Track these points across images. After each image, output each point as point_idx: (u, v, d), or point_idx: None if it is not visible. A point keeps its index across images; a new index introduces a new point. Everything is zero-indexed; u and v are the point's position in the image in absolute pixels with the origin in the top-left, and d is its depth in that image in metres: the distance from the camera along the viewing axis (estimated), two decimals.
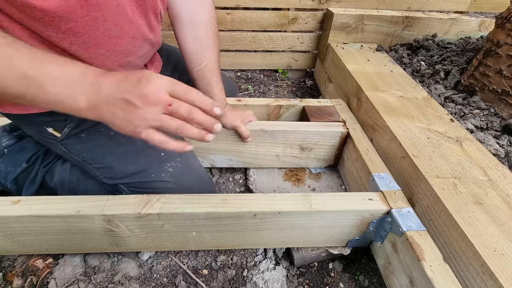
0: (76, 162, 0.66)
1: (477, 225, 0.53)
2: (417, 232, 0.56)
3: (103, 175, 0.65)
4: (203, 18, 0.69)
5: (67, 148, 0.64)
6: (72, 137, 0.63)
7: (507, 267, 0.47)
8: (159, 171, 0.64)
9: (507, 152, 0.75)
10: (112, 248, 0.65)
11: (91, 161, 0.64)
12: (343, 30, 1.30)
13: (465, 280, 0.52)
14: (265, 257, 0.72)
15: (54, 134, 0.62)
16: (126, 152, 0.64)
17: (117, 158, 0.64)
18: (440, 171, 0.64)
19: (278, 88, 1.47)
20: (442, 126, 0.78)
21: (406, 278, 0.56)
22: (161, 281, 0.67)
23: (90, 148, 0.64)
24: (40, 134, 0.63)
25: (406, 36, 1.35)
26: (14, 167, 0.72)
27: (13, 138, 0.75)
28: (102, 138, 0.63)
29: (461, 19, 1.33)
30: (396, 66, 1.10)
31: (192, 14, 0.67)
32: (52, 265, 0.68)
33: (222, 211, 0.58)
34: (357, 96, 0.96)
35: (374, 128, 0.85)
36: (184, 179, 0.66)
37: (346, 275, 0.71)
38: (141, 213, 0.56)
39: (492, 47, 0.90)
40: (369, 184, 0.71)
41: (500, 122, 0.85)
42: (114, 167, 0.64)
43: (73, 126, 0.61)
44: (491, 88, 0.89)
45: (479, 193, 0.59)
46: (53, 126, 0.62)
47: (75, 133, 0.62)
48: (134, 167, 0.63)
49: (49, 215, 0.55)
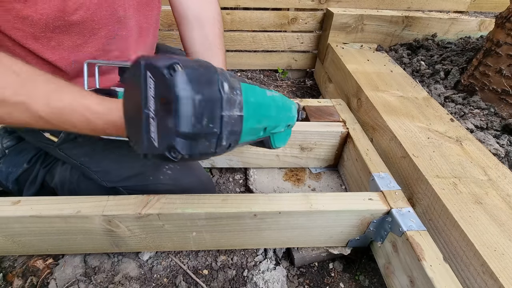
0: (74, 165, 0.66)
1: (477, 224, 0.53)
2: (417, 232, 0.56)
3: (101, 178, 0.65)
4: (210, 15, 0.67)
5: (64, 152, 0.64)
6: (68, 142, 0.62)
7: (507, 266, 0.47)
8: (157, 173, 0.63)
9: (507, 151, 0.75)
10: (112, 248, 0.65)
11: (89, 164, 0.64)
12: (343, 30, 1.30)
13: (465, 280, 0.52)
14: (265, 257, 0.72)
15: (51, 139, 0.62)
16: (123, 155, 0.64)
17: (113, 161, 0.64)
18: (440, 171, 0.64)
19: (278, 88, 1.47)
20: (442, 126, 0.78)
21: (406, 278, 0.56)
22: (161, 281, 0.67)
23: (87, 152, 0.64)
24: (38, 139, 0.64)
25: (406, 36, 1.35)
26: (15, 168, 0.72)
27: (14, 139, 0.75)
28: (99, 142, 0.63)
29: (461, 19, 1.33)
30: (396, 66, 1.10)
31: (199, 12, 0.66)
32: (52, 265, 0.68)
33: (222, 211, 0.58)
34: (357, 96, 0.96)
35: (374, 128, 0.85)
36: (183, 181, 0.65)
37: (346, 275, 0.71)
38: (141, 213, 0.56)
39: (492, 46, 0.90)
40: (369, 184, 0.71)
41: (500, 122, 0.85)
42: (111, 171, 0.64)
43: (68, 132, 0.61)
44: (491, 88, 0.89)
45: (479, 193, 0.59)
46: (49, 131, 0.61)
47: (71, 138, 0.62)
48: (132, 171, 0.63)
49: (49, 215, 0.55)
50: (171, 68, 0.29)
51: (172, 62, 0.29)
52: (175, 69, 0.29)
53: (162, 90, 0.29)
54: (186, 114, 0.29)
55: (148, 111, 0.31)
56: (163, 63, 0.29)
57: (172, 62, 0.29)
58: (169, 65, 0.29)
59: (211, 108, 0.31)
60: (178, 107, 0.29)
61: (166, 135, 0.30)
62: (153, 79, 0.30)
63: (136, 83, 0.31)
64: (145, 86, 0.30)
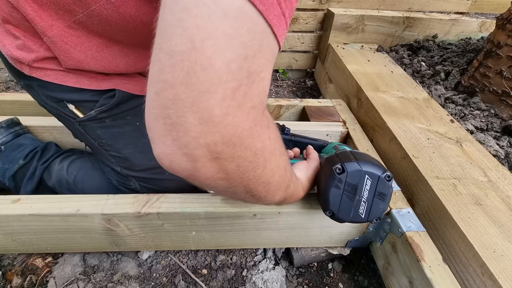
0: (89, 144, 0.63)
1: (477, 226, 0.53)
2: (417, 233, 0.56)
3: (118, 163, 0.63)
4: None
5: (85, 130, 0.60)
6: (95, 121, 0.59)
7: (506, 268, 0.47)
8: None
9: (507, 153, 0.75)
10: (112, 247, 0.65)
11: (109, 147, 0.61)
12: (343, 31, 1.30)
13: (464, 281, 0.52)
14: (265, 257, 0.72)
15: (74, 113, 0.57)
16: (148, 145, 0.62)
17: (138, 150, 0.62)
18: (440, 172, 0.64)
19: (279, 88, 1.47)
20: (442, 127, 0.78)
21: (405, 279, 0.56)
22: (161, 280, 0.67)
23: (112, 135, 0.60)
24: (57, 107, 0.58)
25: (407, 37, 1.35)
26: (11, 164, 0.71)
27: (10, 135, 0.75)
28: (127, 127, 0.61)
29: (461, 20, 1.33)
30: (396, 67, 1.10)
31: None
32: (51, 264, 0.68)
33: (222, 211, 0.58)
34: (358, 96, 0.96)
35: (374, 128, 0.85)
36: None
37: (345, 276, 0.71)
38: (141, 212, 0.56)
39: (493, 48, 0.90)
40: None
41: (500, 123, 0.85)
42: (133, 159, 0.62)
43: (102, 110, 0.57)
44: (491, 89, 0.89)
45: (479, 194, 0.59)
46: (79, 105, 0.57)
47: (101, 118, 0.58)
48: (152, 162, 0.61)
49: (49, 214, 0.55)
50: (387, 176, 0.49)
51: (388, 173, 0.49)
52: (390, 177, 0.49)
53: (378, 187, 0.49)
54: (390, 201, 0.52)
55: (360, 197, 0.50)
56: (382, 173, 0.49)
57: (388, 173, 0.49)
58: (385, 175, 0.49)
59: None
60: (388, 199, 0.51)
61: (376, 213, 0.51)
62: (371, 180, 0.49)
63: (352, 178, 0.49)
64: (362, 183, 0.49)
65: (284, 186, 0.42)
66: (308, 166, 0.56)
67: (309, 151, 0.62)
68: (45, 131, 0.80)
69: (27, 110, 0.87)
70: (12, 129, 0.76)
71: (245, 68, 0.26)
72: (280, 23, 0.27)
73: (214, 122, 0.26)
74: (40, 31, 0.47)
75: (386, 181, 0.49)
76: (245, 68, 0.26)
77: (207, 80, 0.24)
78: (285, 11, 0.27)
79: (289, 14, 0.28)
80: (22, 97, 0.89)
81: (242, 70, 0.26)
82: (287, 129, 0.69)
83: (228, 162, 0.29)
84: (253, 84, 0.27)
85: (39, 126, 0.79)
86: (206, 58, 0.24)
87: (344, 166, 0.49)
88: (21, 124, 0.77)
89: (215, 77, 0.24)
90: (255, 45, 0.26)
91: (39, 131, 0.80)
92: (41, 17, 0.45)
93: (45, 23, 0.46)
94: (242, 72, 0.26)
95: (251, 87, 0.27)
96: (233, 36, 0.24)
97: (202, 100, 0.25)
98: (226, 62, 0.24)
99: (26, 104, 0.88)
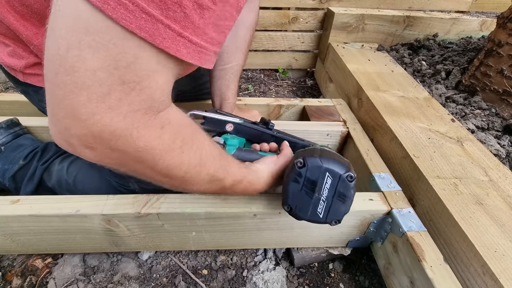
0: None
1: (478, 225, 0.53)
2: (418, 233, 0.56)
3: None
4: (247, 22, 0.69)
5: None
6: None
7: (508, 267, 0.47)
8: None
9: (508, 152, 0.75)
10: (112, 248, 0.65)
11: None
12: (344, 30, 1.30)
13: (465, 281, 0.52)
14: (265, 257, 0.72)
15: None
16: None
17: None
18: (441, 171, 0.64)
19: (279, 88, 1.47)
20: (443, 126, 0.78)
21: (406, 279, 0.56)
22: (161, 281, 0.67)
23: None
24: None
25: (407, 36, 1.34)
26: (11, 165, 0.71)
27: (10, 136, 0.75)
28: None
29: (462, 19, 1.33)
30: (397, 66, 1.10)
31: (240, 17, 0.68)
32: (51, 265, 0.68)
33: (222, 211, 0.58)
34: (358, 96, 0.96)
35: (374, 128, 0.85)
36: None
37: (346, 276, 0.71)
38: (141, 212, 0.56)
39: (494, 47, 0.89)
40: (370, 184, 0.70)
41: (501, 122, 0.84)
42: None
43: None
44: (492, 88, 0.89)
45: (480, 194, 0.59)
46: None
47: None
48: None
49: (49, 214, 0.55)
50: (349, 176, 0.47)
51: (351, 173, 0.47)
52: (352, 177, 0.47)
53: (339, 187, 0.48)
54: (351, 204, 0.50)
55: (319, 195, 0.49)
56: (344, 172, 0.47)
57: (351, 173, 0.47)
58: (347, 175, 0.47)
59: None
60: (349, 202, 0.49)
61: (336, 214, 0.50)
62: (331, 178, 0.47)
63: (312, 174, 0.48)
64: (322, 180, 0.48)
65: (207, 179, 0.43)
66: (276, 161, 0.56)
67: (283, 146, 0.62)
68: (45, 131, 0.80)
69: (27, 111, 0.87)
70: (12, 130, 0.75)
71: (117, 77, 0.28)
72: (174, 41, 0.29)
73: (81, 119, 0.29)
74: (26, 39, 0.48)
75: (347, 181, 0.47)
76: (117, 77, 0.28)
77: (71, 83, 0.27)
78: (182, 32, 0.29)
79: (194, 32, 0.30)
80: (21, 97, 0.89)
81: (113, 77, 0.28)
82: (271, 124, 0.68)
83: (109, 151, 0.32)
84: (133, 91, 0.29)
85: (39, 126, 0.79)
86: (69, 65, 0.27)
87: (305, 160, 0.48)
88: (21, 124, 0.77)
89: (79, 82, 0.27)
90: (129, 58, 0.28)
91: (39, 132, 0.80)
92: (25, 26, 0.46)
93: (29, 32, 0.47)
94: (113, 79, 0.28)
95: (130, 94, 0.29)
96: (98, 48, 0.27)
97: (68, 98, 0.28)
98: (91, 70, 0.27)
99: (26, 104, 0.88)
